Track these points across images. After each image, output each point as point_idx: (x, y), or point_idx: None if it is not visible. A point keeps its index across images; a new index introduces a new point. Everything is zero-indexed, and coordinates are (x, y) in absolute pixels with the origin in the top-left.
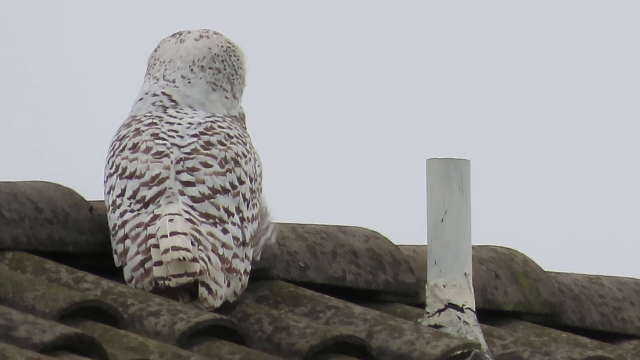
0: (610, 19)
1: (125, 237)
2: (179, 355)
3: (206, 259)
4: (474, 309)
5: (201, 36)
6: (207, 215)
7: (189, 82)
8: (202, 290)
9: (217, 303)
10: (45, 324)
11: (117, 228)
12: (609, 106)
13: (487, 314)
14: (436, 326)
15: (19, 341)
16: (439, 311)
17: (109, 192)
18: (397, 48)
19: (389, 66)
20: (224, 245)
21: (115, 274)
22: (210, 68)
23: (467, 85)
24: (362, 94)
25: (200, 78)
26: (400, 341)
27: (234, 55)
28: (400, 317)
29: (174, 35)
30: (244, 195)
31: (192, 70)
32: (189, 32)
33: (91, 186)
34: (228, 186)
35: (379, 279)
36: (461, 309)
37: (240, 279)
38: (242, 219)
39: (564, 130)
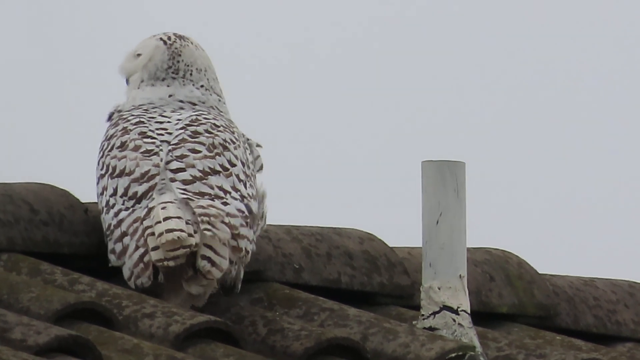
0: (606, 21)
1: (124, 234)
2: (173, 357)
3: (208, 233)
4: (469, 311)
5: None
6: (202, 194)
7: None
8: (203, 263)
9: (220, 274)
10: (40, 325)
11: (112, 228)
12: (603, 110)
13: (482, 317)
14: (431, 328)
15: (14, 343)
16: (434, 313)
17: (101, 194)
18: (391, 49)
19: (384, 68)
20: (228, 214)
21: (110, 275)
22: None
23: (462, 88)
24: (357, 96)
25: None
26: (395, 344)
27: None
28: (395, 319)
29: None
30: (237, 176)
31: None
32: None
33: (86, 188)
34: (218, 168)
35: (374, 281)
36: (456, 312)
37: (248, 252)
38: (242, 196)
39: (559, 133)
